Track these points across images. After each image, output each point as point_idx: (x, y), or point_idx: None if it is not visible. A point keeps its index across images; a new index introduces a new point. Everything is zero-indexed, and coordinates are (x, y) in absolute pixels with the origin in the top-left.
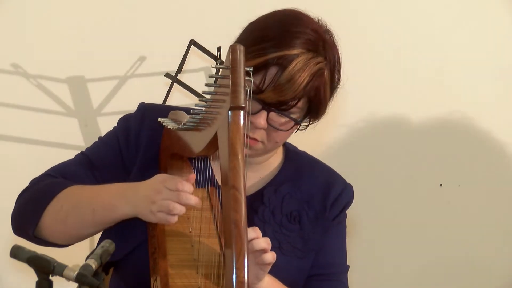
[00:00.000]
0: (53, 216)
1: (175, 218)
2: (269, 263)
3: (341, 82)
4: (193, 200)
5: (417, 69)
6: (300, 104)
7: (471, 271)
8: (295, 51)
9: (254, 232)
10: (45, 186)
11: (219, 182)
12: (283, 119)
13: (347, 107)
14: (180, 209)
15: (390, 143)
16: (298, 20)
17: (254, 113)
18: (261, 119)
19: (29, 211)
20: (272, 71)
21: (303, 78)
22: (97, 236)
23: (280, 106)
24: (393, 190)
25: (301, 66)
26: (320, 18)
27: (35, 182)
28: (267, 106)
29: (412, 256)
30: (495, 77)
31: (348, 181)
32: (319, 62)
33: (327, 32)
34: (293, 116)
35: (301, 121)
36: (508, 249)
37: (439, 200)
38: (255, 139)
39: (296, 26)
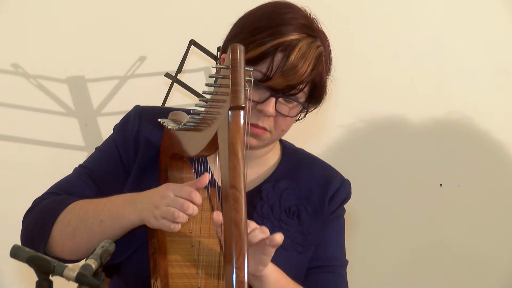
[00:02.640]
0: (61, 232)
1: (178, 226)
2: (277, 245)
3: (337, 77)
4: (195, 210)
5: (417, 69)
6: (305, 88)
7: (471, 271)
8: (295, 36)
9: (248, 228)
10: (50, 203)
11: (219, 183)
12: (290, 105)
13: (347, 107)
14: (183, 218)
15: (390, 143)
16: (289, 8)
17: (262, 102)
18: (270, 107)
19: (37, 230)
20: (278, 57)
21: (309, 61)
22: None
23: (288, 91)
24: (393, 190)
25: (305, 50)
26: (305, 7)
27: (38, 202)
28: (275, 93)
29: (412, 256)
30: (495, 77)
31: (351, 189)
32: (319, 46)
33: (314, 20)
34: (300, 100)
35: (308, 105)
36: (508, 249)
37: (439, 200)
38: (264, 128)
39: (289, 13)
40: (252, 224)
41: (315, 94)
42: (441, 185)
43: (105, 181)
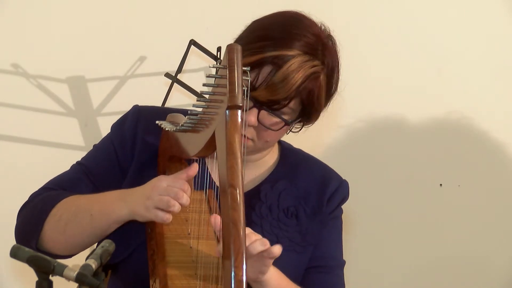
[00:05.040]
0: (53, 227)
1: (171, 217)
2: (274, 256)
3: (339, 87)
4: (187, 201)
5: (417, 69)
6: (292, 104)
7: (471, 271)
8: (292, 52)
9: (248, 239)
10: (44, 198)
11: (217, 183)
12: (274, 119)
13: (346, 108)
14: (177, 207)
15: (390, 143)
16: (299, 22)
17: (246, 111)
18: (252, 116)
19: (30, 225)
20: (267, 69)
21: (296, 79)
22: None
23: (271, 105)
24: (393, 190)
25: (296, 67)
26: (323, 23)
27: (34, 196)
28: (259, 104)
29: (412, 256)
30: (494, 77)
31: (348, 181)
32: (314, 66)
33: (329, 37)
34: (285, 117)
35: (292, 122)
36: (508, 249)
37: (439, 200)
38: (244, 136)
39: (297, 28)
40: (253, 236)
41: (305, 112)
42: (441, 185)
43: (101, 178)
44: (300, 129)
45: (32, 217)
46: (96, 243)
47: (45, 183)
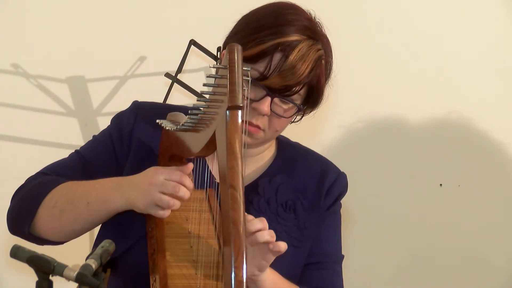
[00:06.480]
0: (47, 212)
1: (169, 213)
2: (279, 252)
3: (337, 80)
4: (187, 194)
5: (416, 69)
6: (302, 90)
7: (470, 271)
8: (296, 37)
9: (261, 223)
10: (39, 183)
11: (218, 181)
12: (286, 106)
13: (346, 108)
14: (176, 204)
15: (390, 143)
16: (293, 9)
17: (258, 100)
18: (265, 105)
19: (24, 208)
20: (277, 57)
21: (307, 63)
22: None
23: (284, 92)
24: (393, 190)
25: (304, 52)
26: (310, 10)
27: (29, 181)
28: (272, 92)
29: (411, 256)
30: (494, 77)
31: (348, 182)
32: (319, 49)
33: (318, 24)
34: (296, 102)
35: (303, 107)
36: (508, 249)
37: (439, 200)
38: (257, 127)
39: (292, 14)
40: (260, 224)
41: (312, 97)
42: (441, 185)
43: (97, 169)
44: (301, 119)
45: (27, 201)
46: (95, 243)
47: (42, 168)
